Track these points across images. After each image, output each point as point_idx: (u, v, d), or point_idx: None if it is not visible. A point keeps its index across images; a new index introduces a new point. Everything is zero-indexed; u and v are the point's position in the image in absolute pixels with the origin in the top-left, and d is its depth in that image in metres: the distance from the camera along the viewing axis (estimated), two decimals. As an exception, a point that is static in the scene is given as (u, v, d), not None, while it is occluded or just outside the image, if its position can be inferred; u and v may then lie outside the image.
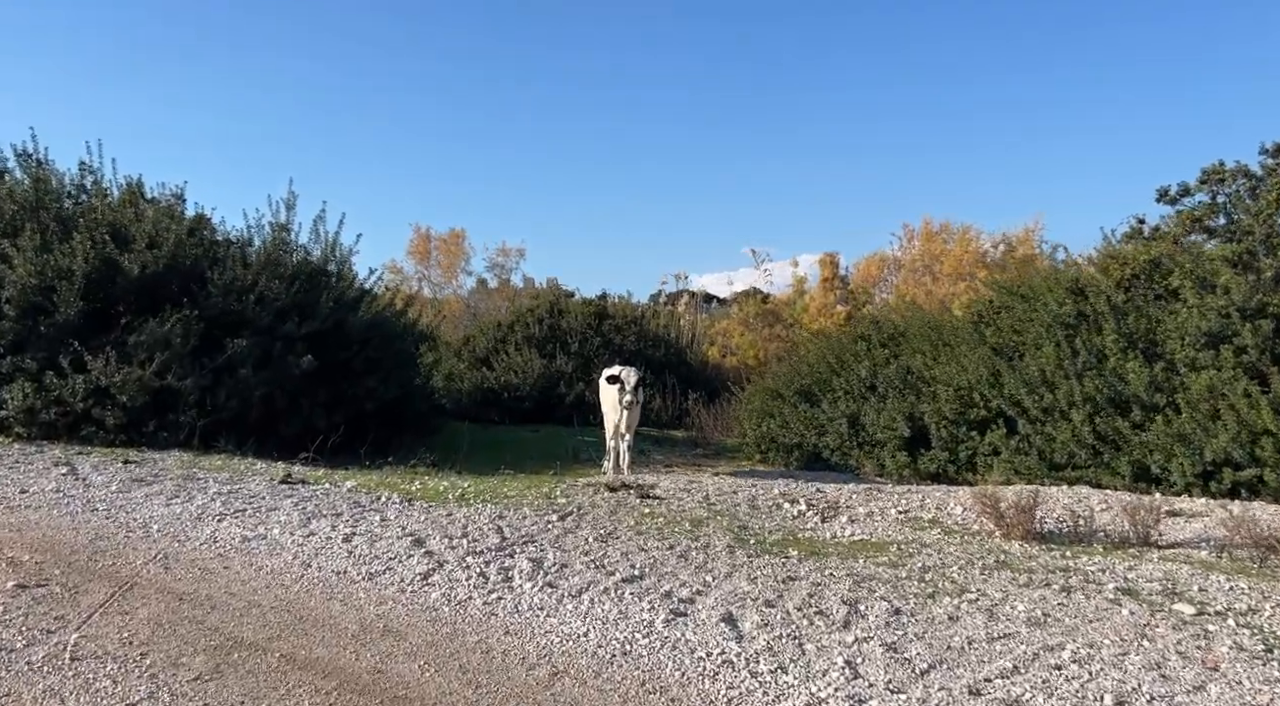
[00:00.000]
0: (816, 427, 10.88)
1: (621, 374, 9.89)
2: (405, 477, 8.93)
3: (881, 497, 7.72)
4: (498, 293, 33.24)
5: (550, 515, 6.88)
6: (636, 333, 20.02)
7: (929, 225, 27.62)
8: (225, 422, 9.89)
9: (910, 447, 9.75)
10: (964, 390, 9.45)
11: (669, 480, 8.94)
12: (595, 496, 7.71)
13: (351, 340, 11.53)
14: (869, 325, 12.35)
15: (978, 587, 5.05)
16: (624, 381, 9.77)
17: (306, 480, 8.12)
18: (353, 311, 11.90)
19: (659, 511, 7.08)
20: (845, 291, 22.29)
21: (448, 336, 22.99)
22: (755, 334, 23.30)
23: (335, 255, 12.68)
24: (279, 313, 10.85)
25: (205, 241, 11.47)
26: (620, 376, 9.86)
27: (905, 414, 9.74)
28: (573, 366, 18.87)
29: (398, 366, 12.39)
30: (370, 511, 6.91)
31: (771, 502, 7.55)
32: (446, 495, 7.74)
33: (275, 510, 6.82)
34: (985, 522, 6.64)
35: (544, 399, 18.32)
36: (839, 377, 11.27)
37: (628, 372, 9.89)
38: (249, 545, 5.90)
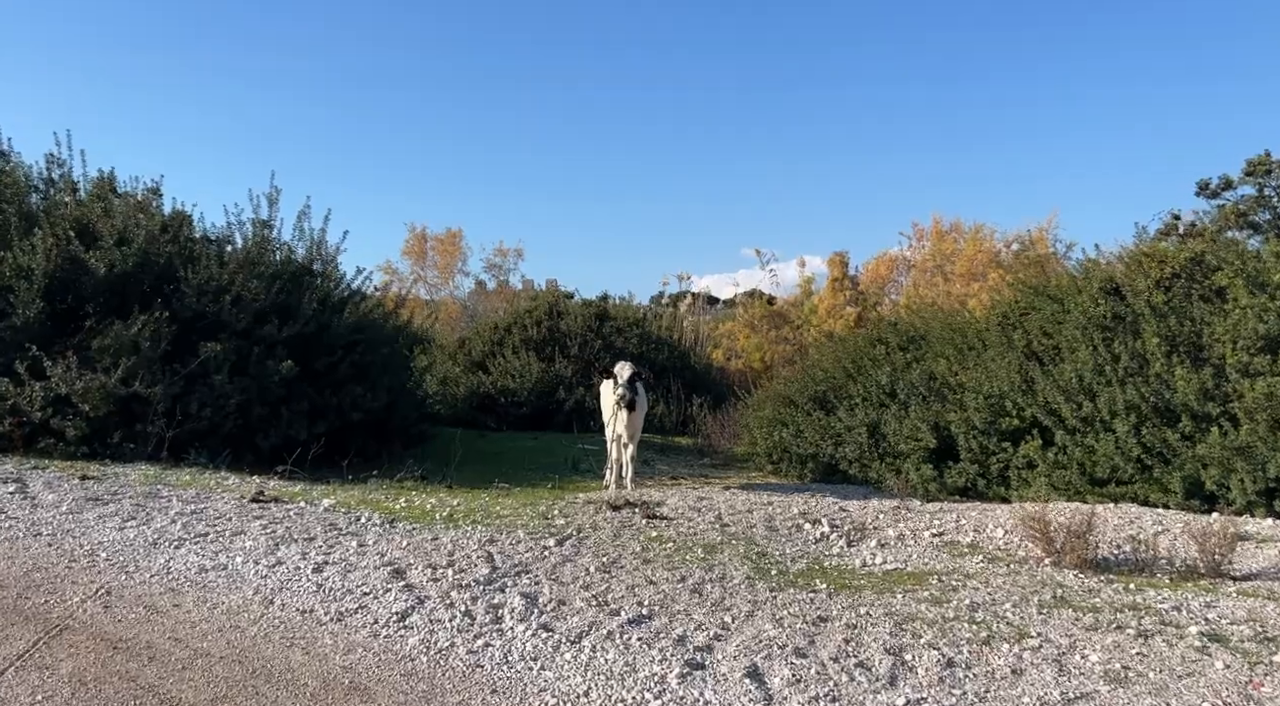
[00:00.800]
0: (833, 437, 10.24)
1: (616, 368, 9.27)
2: (390, 494, 8.29)
3: (911, 517, 7.08)
4: (495, 294, 32.66)
5: (547, 539, 6.23)
6: (639, 335, 19.37)
7: (939, 224, 27.02)
8: (197, 434, 9.25)
9: (936, 460, 9.10)
10: (994, 398, 8.81)
11: (676, 496, 8.30)
12: (596, 516, 7.07)
13: (336, 344, 10.90)
14: (887, 328, 11.71)
15: (1039, 631, 4.40)
16: (616, 374, 9.15)
17: (280, 498, 7.48)
18: (338, 313, 11.27)
19: (667, 535, 6.44)
20: (855, 292, 21.65)
21: (443, 339, 22.37)
22: (761, 336, 22.69)
23: (321, 254, 12.05)
24: (258, 314, 10.22)
25: (181, 239, 10.83)
26: (614, 370, 9.24)
27: (930, 423, 9.09)
28: (572, 370, 18.22)
29: (386, 372, 11.75)
30: (347, 535, 6.27)
31: (791, 524, 6.91)
32: (433, 515, 7.10)
33: (241, 534, 6.18)
34: (1032, 548, 5.99)
35: (542, 405, 17.67)
36: (856, 384, 10.63)
37: (621, 366, 9.26)
38: (206, 577, 5.25)
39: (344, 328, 11.05)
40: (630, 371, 9.16)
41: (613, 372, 9.28)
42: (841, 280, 21.60)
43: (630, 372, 9.14)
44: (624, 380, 9.04)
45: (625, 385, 9.02)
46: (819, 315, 21.25)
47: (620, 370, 9.18)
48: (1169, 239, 11.07)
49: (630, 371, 9.16)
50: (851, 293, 21.52)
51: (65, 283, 9.60)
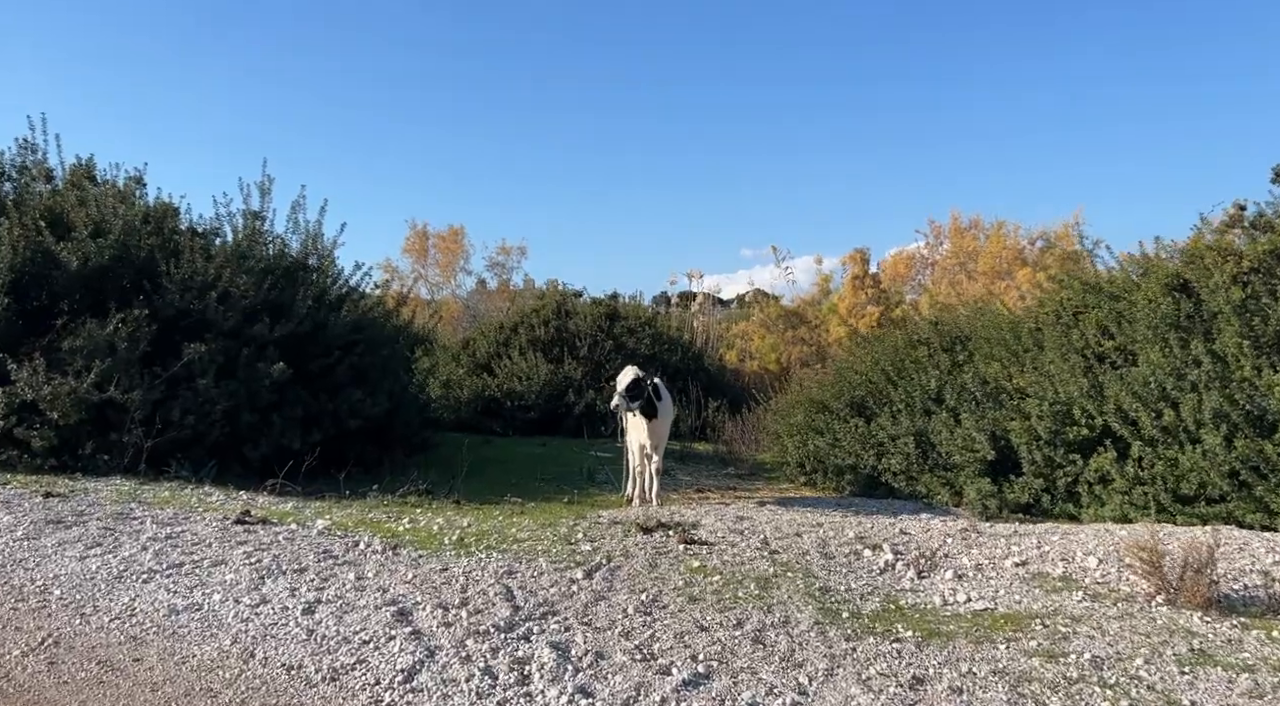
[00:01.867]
0: (875, 447, 9.45)
1: (619, 376, 8.50)
2: (392, 512, 7.52)
3: (984, 542, 6.29)
4: (498, 293, 31.92)
5: (574, 570, 5.46)
6: (651, 336, 18.57)
7: (957, 220, 26.26)
8: (180, 443, 8.48)
9: (994, 473, 8.32)
10: (1060, 404, 8.02)
11: (711, 515, 7.52)
12: (626, 541, 6.28)
13: (333, 345, 10.12)
14: (928, 327, 10.92)
15: (1191, 700, 3.62)
16: (617, 380, 8.40)
17: (269, 518, 6.70)
18: (335, 312, 10.49)
19: (711, 564, 5.65)
20: (878, 291, 20.85)
21: (445, 339, 21.60)
22: (777, 337, 21.90)
23: (317, 247, 11.27)
24: (247, 312, 9.44)
25: (165, 231, 10.05)
26: (618, 378, 8.49)
27: (987, 432, 8.30)
28: (582, 372, 17.44)
29: (387, 375, 10.98)
30: (343, 566, 5.49)
31: (848, 550, 6.13)
32: (441, 539, 6.32)
33: (221, 565, 5.40)
34: (1138, 582, 5.20)
35: (551, 408, 16.88)
36: (898, 388, 9.84)
37: (624, 372, 8.48)
38: (176, 622, 4.48)
39: (341, 327, 10.28)
40: (631, 377, 8.35)
41: (613, 379, 8.51)
42: (862, 278, 20.80)
43: (630, 379, 8.32)
44: (621, 388, 8.26)
45: (622, 394, 8.22)
46: (839, 315, 20.45)
47: (621, 377, 8.41)
48: (1233, 231, 10.24)
49: (631, 377, 8.35)
50: (874, 291, 20.71)
51: (36, 278, 8.83)
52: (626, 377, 8.35)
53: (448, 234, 33.14)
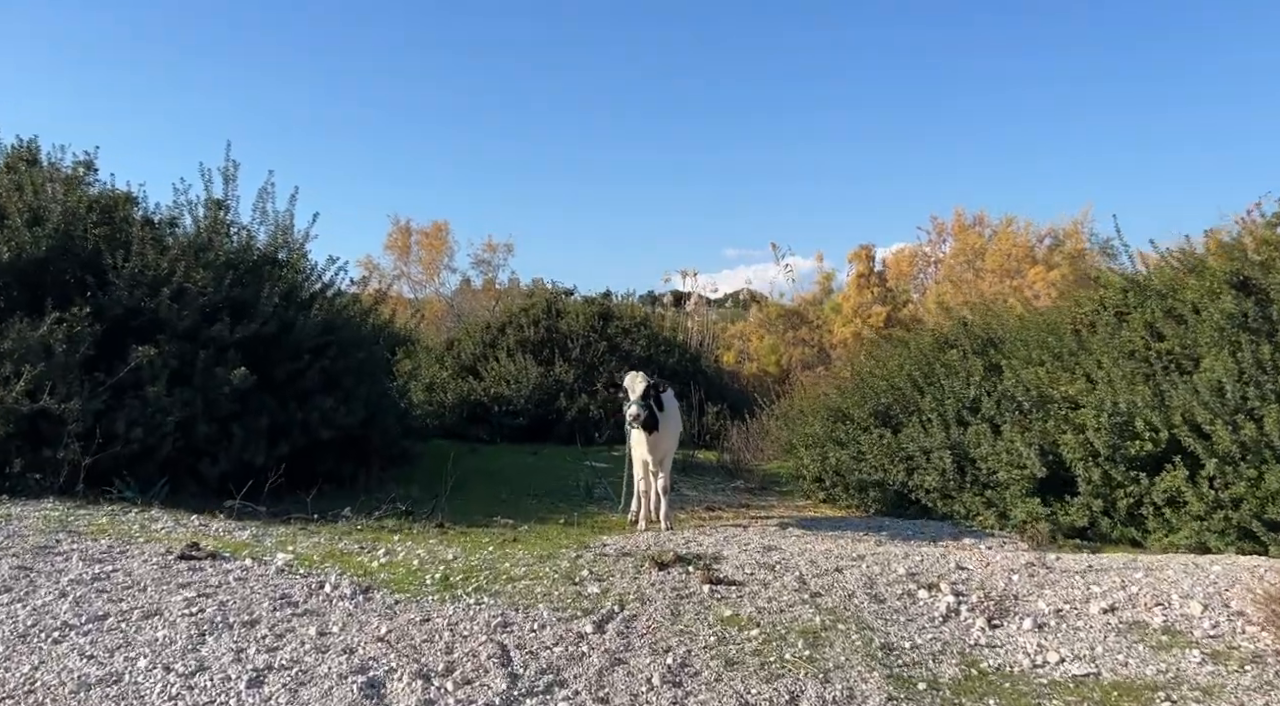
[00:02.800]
0: (904, 461, 8.62)
1: (625, 380, 7.61)
2: (366, 540, 6.61)
3: (1056, 580, 5.45)
4: (484, 292, 31.03)
5: (581, 621, 4.58)
6: (646, 337, 17.73)
7: (961, 217, 25.53)
8: (125, 459, 7.55)
9: (1043, 491, 7.51)
10: (1119, 415, 7.20)
11: (734, 544, 6.65)
12: (639, 578, 5.41)
13: (303, 347, 9.19)
14: (956, 328, 10.09)
15: None
16: (630, 388, 7.49)
17: (220, 552, 5.78)
18: (305, 310, 9.56)
19: (745, 613, 4.78)
20: (883, 289, 20.05)
21: (429, 340, 20.68)
22: (777, 338, 21.09)
23: (287, 240, 10.34)
24: (206, 311, 8.52)
25: (115, 220, 9.10)
26: (625, 383, 7.58)
27: (1036, 446, 7.47)
28: (574, 375, 16.57)
29: (363, 379, 10.06)
30: (304, 616, 4.59)
31: (900, 590, 5.27)
32: (422, 577, 5.42)
33: (156, 616, 4.49)
34: (1260, 636, 4.38)
35: (541, 414, 16.01)
36: (925, 396, 9.02)
37: (631, 377, 7.60)
38: (86, 699, 3.57)
39: (312, 327, 9.35)
40: (643, 383, 7.49)
41: (620, 385, 7.62)
42: (868, 276, 20.01)
43: (644, 386, 7.46)
44: (636, 395, 7.38)
45: (638, 402, 7.35)
46: (844, 314, 19.64)
47: (631, 382, 7.52)
48: None
49: (643, 383, 7.49)
50: (879, 289, 19.91)
51: (-37, 272, 7.88)
52: (639, 384, 7.48)
53: (431, 230, 32.26)
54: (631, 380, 7.57)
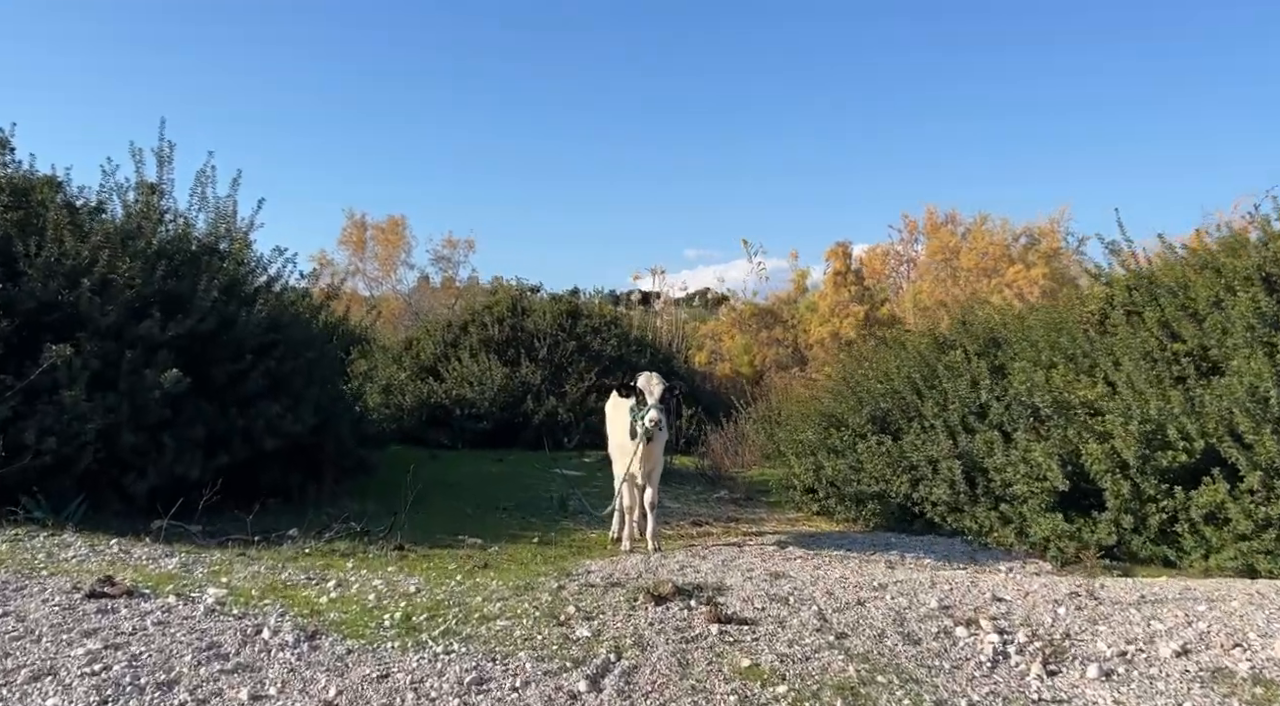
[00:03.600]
0: (908, 472, 7.99)
1: (640, 381, 6.88)
2: (314, 567, 5.82)
3: (1108, 614, 4.82)
4: (443, 289, 30.11)
5: (571, 673, 3.85)
6: (617, 336, 16.99)
7: (933, 215, 25.14)
8: (36, 473, 6.64)
9: (1064, 506, 6.92)
10: (1149, 422, 6.63)
11: (734, 569, 5.95)
12: (635, 616, 4.68)
13: (245, 346, 8.32)
14: (956, 328, 9.50)
15: None
16: (645, 390, 6.77)
17: (138, 587, 4.95)
18: (249, 306, 8.70)
19: (766, 662, 4.07)
20: (860, 288, 19.51)
21: (385, 339, 19.76)
22: (750, 337, 20.46)
23: (229, 229, 9.45)
24: (134, 306, 7.63)
25: (32, 204, 8.17)
26: (639, 385, 6.85)
27: (1058, 456, 6.87)
28: (541, 377, 15.78)
29: (314, 382, 9.19)
30: (235, 673, 3.80)
31: (936, 628, 4.61)
32: (380, 616, 4.65)
33: (48, 676, 3.68)
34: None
35: (506, 418, 15.19)
36: (927, 401, 8.41)
37: (647, 378, 6.88)
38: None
39: (256, 324, 8.49)
40: (661, 386, 6.79)
41: (634, 387, 6.89)
42: (844, 274, 19.44)
43: (662, 388, 6.77)
44: (655, 398, 6.68)
45: (657, 406, 6.67)
46: (820, 314, 19.07)
47: (647, 383, 6.80)
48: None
49: (661, 386, 6.79)
50: (856, 288, 19.37)
51: None
52: (656, 387, 6.76)
53: (387, 225, 31.19)
54: (647, 381, 6.84)
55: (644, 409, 6.67)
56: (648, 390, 6.73)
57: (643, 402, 6.72)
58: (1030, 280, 18.86)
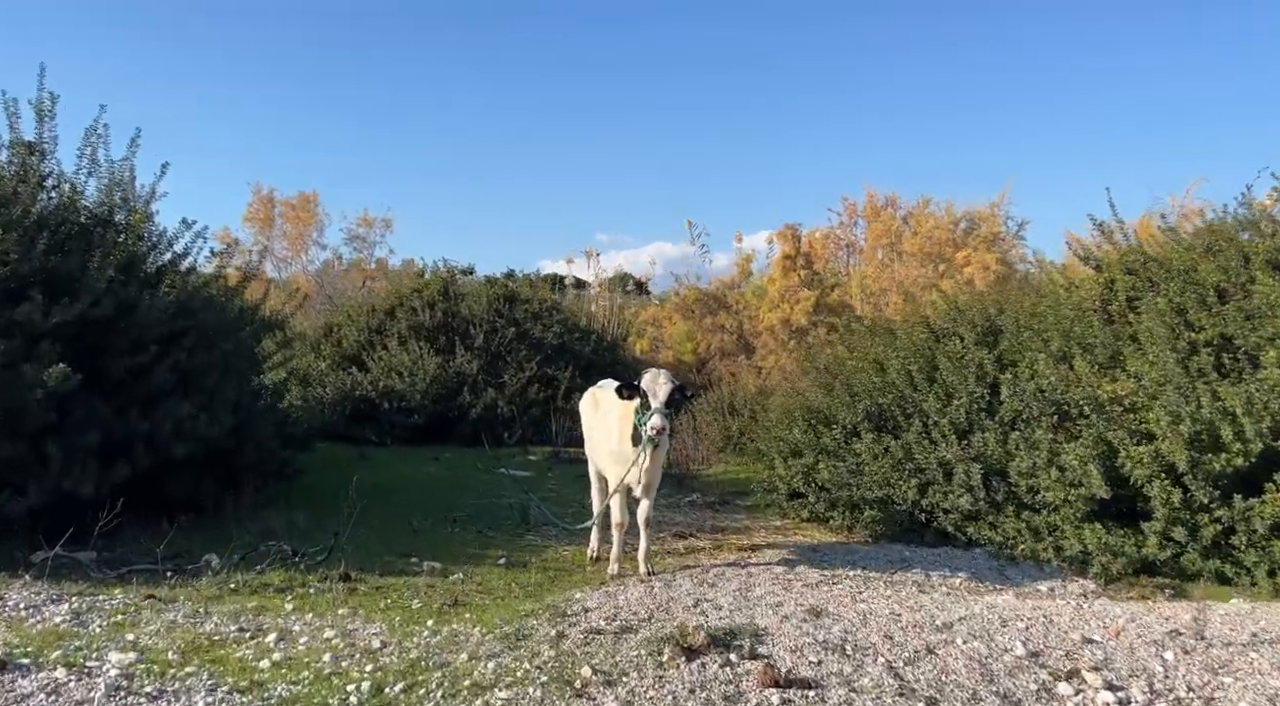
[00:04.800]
0: (914, 476, 7.27)
1: (645, 380, 5.94)
2: (245, 610, 4.75)
3: (1228, 659, 4.14)
4: (355, 270, 28.59)
5: (616, 777, 2.94)
6: (560, 322, 15.97)
7: (874, 198, 24.79)
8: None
9: (1100, 516, 6.28)
10: (1200, 422, 6.02)
11: (752, 599, 5.10)
12: (668, 679, 3.79)
13: (148, 336, 7.09)
14: (949, 313, 8.81)
15: None
16: (649, 391, 5.84)
17: (12, 657, 3.83)
18: (152, 288, 7.46)
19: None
20: (810, 273, 18.89)
21: (300, 325, 18.31)
22: (693, 324, 19.67)
23: (126, 197, 8.13)
24: (10, 287, 6.36)
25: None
26: (644, 385, 5.92)
27: (1097, 459, 6.21)
28: (478, 366, 14.66)
29: (230, 377, 7.99)
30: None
31: (1033, 682, 3.84)
32: (343, 688, 3.64)
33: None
34: None
35: (440, 411, 14.05)
36: (928, 395, 7.71)
37: (654, 377, 5.93)
38: None
39: (161, 309, 7.25)
40: (669, 386, 5.85)
41: (636, 387, 5.94)
42: (794, 258, 18.79)
43: (670, 389, 5.84)
44: (660, 401, 5.75)
45: (661, 411, 5.75)
46: (770, 299, 18.38)
47: (653, 383, 5.85)
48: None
49: (669, 386, 5.85)
50: (806, 273, 18.74)
51: None
52: (663, 387, 5.82)
53: (298, 201, 29.38)
54: (653, 381, 5.87)
55: (648, 413, 5.75)
56: (652, 391, 5.80)
57: (647, 406, 5.79)
58: (982, 265, 18.52)
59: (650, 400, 5.77)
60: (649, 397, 5.79)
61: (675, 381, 5.96)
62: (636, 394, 5.93)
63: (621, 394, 6.05)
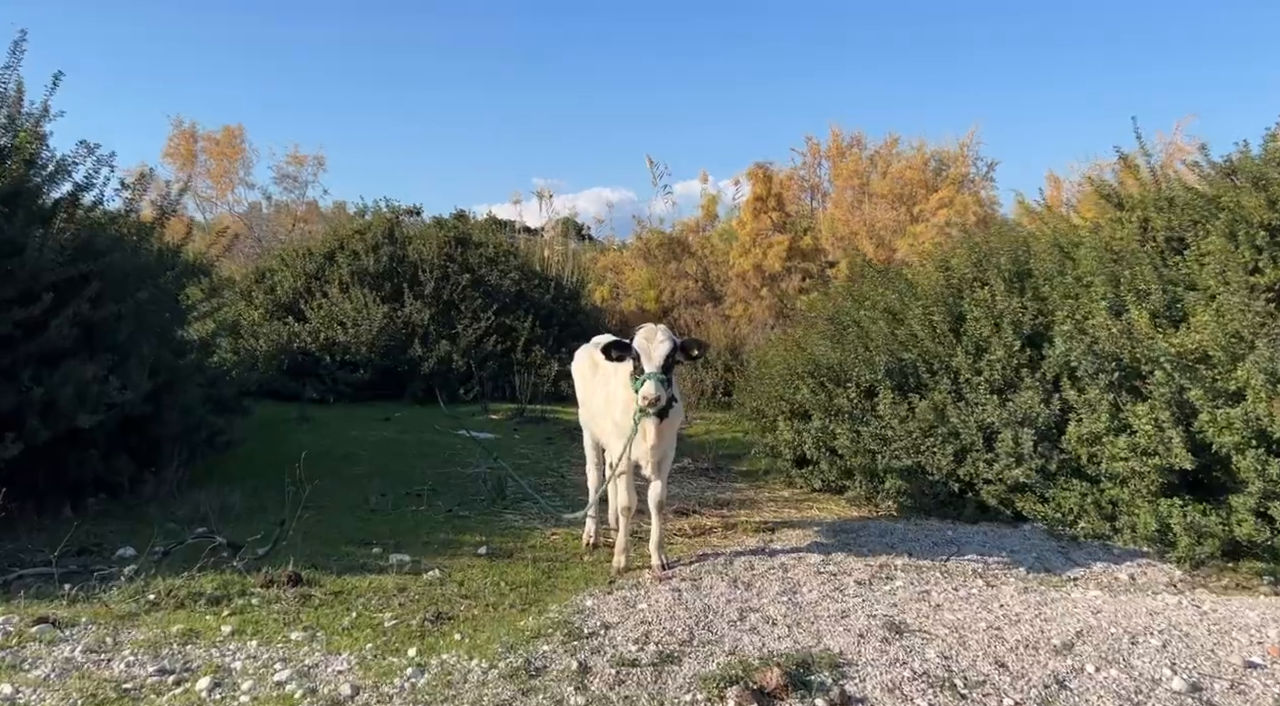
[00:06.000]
0: (950, 442, 6.44)
1: (638, 339, 4.90)
2: (169, 642, 3.71)
3: None
4: (288, 211, 26.90)
5: None
6: (517, 268, 14.85)
7: (838, 138, 23.89)
8: None
9: (1174, 491, 5.53)
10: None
11: (804, 607, 4.22)
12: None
13: (42, 282, 5.88)
14: (968, 254, 7.91)
15: None
16: (643, 353, 4.82)
17: None
18: (43, 224, 6.22)
19: None
20: (781, 215, 17.93)
21: (228, 270, 16.84)
22: (656, 270, 18.64)
23: (12, 119, 6.79)
24: None
25: None
26: (635, 344, 4.89)
27: (1176, 422, 5.43)
28: (430, 316, 13.52)
29: (146, 332, 6.82)
30: None
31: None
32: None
33: None
34: None
35: (389, 366, 12.92)
36: (955, 352, 6.87)
37: (649, 334, 4.91)
38: None
39: (57, 251, 6.04)
40: (667, 345, 4.87)
41: (628, 347, 4.95)
42: (765, 200, 17.79)
43: (667, 349, 4.85)
44: (655, 364, 4.76)
45: (656, 376, 4.73)
46: (741, 244, 17.41)
47: (645, 342, 4.85)
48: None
49: (667, 345, 4.87)
50: (777, 215, 17.78)
51: None
52: (659, 347, 4.84)
53: (222, 136, 27.39)
54: (647, 339, 4.86)
55: (640, 378, 4.78)
56: (645, 352, 4.81)
57: (640, 370, 4.81)
58: (963, 206, 17.79)
59: (644, 362, 4.78)
60: (641, 360, 4.80)
61: (675, 338, 4.91)
62: (627, 355, 4.93)
63: (610, 355, 5.02)
